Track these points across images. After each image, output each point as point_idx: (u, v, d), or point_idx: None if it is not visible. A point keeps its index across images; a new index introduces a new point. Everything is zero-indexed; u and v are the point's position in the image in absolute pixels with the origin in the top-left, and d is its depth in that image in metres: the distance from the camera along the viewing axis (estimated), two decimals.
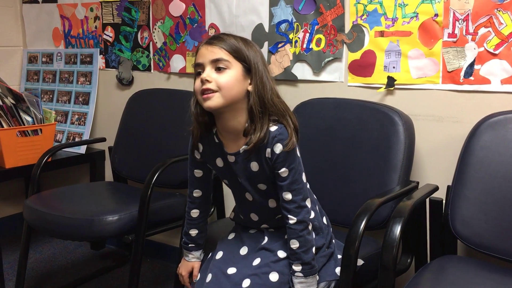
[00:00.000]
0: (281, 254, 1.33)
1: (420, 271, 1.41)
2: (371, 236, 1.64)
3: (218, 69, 1.23)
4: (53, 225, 1.86)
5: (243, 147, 1.30)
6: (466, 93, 1.69)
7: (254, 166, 1.32)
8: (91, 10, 2.59)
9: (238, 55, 1.24)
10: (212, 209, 2.18)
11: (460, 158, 1.56)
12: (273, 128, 1.27)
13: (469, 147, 1.54)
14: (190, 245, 1.49)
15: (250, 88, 1.27)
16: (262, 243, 1.37)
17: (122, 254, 2.63)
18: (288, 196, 1.29)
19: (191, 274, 1.49)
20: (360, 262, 1.39)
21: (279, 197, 1.31)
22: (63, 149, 2.53)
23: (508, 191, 1.45)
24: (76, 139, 2.60)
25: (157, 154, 2.19)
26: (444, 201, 1.59)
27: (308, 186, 1.38)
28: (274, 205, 1.37)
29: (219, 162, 1.38)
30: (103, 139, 2.52)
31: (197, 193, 1.46)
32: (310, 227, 1.31)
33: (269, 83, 1.28)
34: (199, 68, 1.26)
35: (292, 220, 1.29)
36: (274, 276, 1.29)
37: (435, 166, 1.77)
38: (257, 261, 1.33)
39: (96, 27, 2.59)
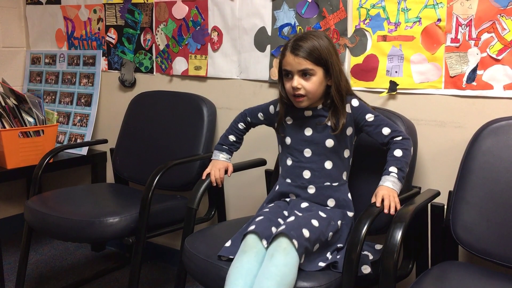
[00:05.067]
0: (322, 214, 1.48)
1: (421, 277, 1.40)
2: (373, 241, 1.64)
3: (304, 75, 1.50)
4: (54, 226, 1.86)
5: (320, 106, 1.57)
6: (469, 99, 1.69)
7: (328, 122, 1.55)
8: (95, 11, 2.59)
9: (319, 61, 1.49)
10: (213, 212, 2.18)
11: (462, 164, 1.56)
12: None
13: (471, 153, 1.54)
14: (224, 146, 1.76)
15: (329, 82, 1.53)
16: (302, 206, 1.53)
17: (123, 256, 2.63)
18: (386, 130, 1.53)
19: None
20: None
21: (380, 138, 1.53)
22: (65, 150, 2.53)
23: (510, 196, 1.45)
24: (78, 141, 2.60)
25: (159, 156, 2.18)
26: (445, 207, 1.59)
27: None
28: (330, 167, 1.56)
29: (289, 120, 1.62)
30: (104, 141, 2.52)
31: (241, 124, 1.78)
32: (412, 149, 1.52)
33: (343, 75, 1.55)
34: (287, 72, 1.53)
35: (399, 137, 1.51)
36: (315, 222, 1.42)
37: (437, 171, 1.77)
38: (300, 213, 1.48)
39: (99, 29, 2.59)
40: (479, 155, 1.52)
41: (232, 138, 1.78)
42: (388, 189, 1.44)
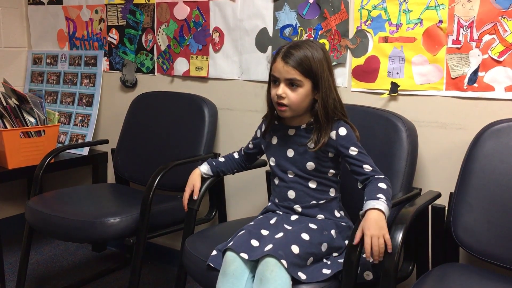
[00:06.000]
0: (313, 225, 1.45)
1: (422, 279, 1.40)
2: None
3: (291, 85, 1.43)
4: (54, 227, 1.86)
5: (303, 125, 1.51)
6: (470, 100, 1.69)
7: (311, 144, 1.48)
8: (96, 12, 2.59)
9: (309, 73, 1.42)
10: (213, 212, 2.18)
11: (463, 165, 1.55)
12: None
13: (472, 154, 1.54)
14: (211, 160, 1.74)
15: (316, 97, 1.46)
16: (292, 219, 1.51)
17: (123, 256, 2.63)
18: (367, 167, 1.44)
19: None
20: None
21: (359, 174, 1.45)
22: (66, 151, 2.53)
23: (511, 199, 1.45)
24: (79, 141, 2.60)
25: (160, 157, 2.19)
26: (446, 208, 1.58)
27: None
28: (314, 186, 1.52)
29: (274, 140, 1.58)
30: (106, 141, 2.52)
31: (236, 154, 1.75)
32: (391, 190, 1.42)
33: (333, 93, 1.46)
34: (275, 78, 1.47)
35: (381, 175, 1.42)
36: (305, 236, 1.39)
37: (438, 173, 1.77)
38: (289, 227, 1.46)
39: (100, 29, 2.60)
40: (481, 157, 1.52)
41: (221, 159, 1.75)
42: (376, 220, 1.27)
